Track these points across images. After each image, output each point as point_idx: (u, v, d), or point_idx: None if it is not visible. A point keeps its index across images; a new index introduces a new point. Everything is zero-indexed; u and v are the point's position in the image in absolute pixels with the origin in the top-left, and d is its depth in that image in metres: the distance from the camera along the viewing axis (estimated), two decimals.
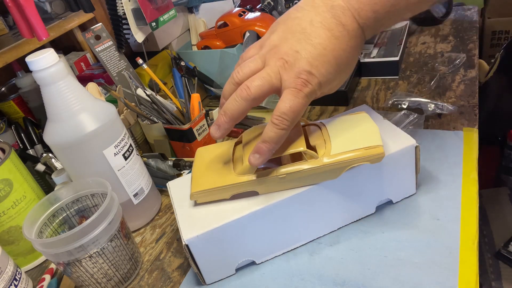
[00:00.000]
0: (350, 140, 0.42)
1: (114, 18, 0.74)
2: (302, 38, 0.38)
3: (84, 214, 0.52)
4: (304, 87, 0.37)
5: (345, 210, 0.46)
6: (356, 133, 0.42)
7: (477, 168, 0.49)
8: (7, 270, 0.47)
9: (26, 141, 0.71)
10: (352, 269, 0.42)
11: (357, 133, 0.42)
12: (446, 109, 0.60)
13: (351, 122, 0.45)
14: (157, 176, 0.61)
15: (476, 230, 0.42)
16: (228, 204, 0.43)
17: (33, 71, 0.45)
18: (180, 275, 0.48)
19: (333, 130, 0.44)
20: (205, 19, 0.92)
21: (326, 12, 0.38)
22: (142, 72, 0.81)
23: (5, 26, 0.80)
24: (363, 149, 0.40)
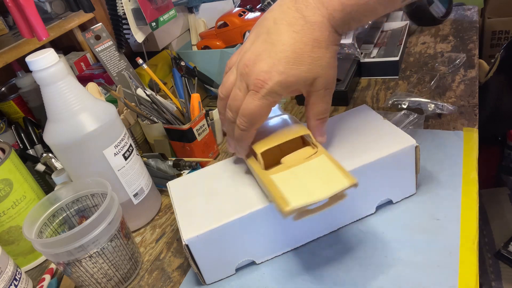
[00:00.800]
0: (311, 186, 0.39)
1: (114, 18, 0.74)
2: (265, 39, 0.39)
3: (84, 214, 0.52)
4: (260, 89, 0.38)
5: (345, 210, 0.46)
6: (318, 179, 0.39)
7: (477, 168, 0.49)
8: (7, 270, 0.47)
9: (26, 141, 0.71)
10: (352, 269, 0.42)
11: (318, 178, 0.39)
12: (446, 109, 0.60)
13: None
14: (157, 176, 0.61)
15: (476, 230, 0.42)
16: (228, 204, 0.43)
17: (33, 71, 0.45)
18: (180, 275, 0.48)
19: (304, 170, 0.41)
20: (205, 19, 0.92)
21: (290, 7, 0.38)
22: (142, 72, 0.81)
23: (5, 26, 0.80)
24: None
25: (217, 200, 0.45)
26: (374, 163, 0.43)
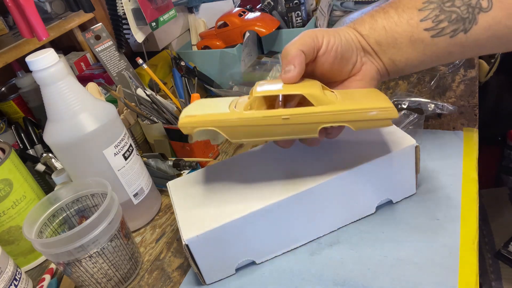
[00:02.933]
0: (363, 99, 0.40)
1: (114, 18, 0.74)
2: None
3: (84, 214, 0.52)
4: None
5: (345, 210, 0.46)
6: (369, 97, 0.41)
7: (477, 168, 0.49)
8: (7, 270, 0.47)
9: (26, 141, 0.71)
10: (352, 269, 0.42)
11: (370, 97, 0.41)
12: (446, 109, 0.60)
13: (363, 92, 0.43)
14: (157, 176, 0.61)
15: (476, 230, 0.42)
16: (228, 204, 0.43)
17: (33, 71, 0.45)
18: (180, 275, 0.48)
19: (346, 93, 0.42)
20: (205, 19, 0.92)
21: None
22: (142, 72, 0.81)
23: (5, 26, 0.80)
24: (378, 108, 0.37)
25: (217, 200, 0.45)
26: (374, 163, 0.43)
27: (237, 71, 0.82)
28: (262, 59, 0.85)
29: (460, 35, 0.39)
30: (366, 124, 0.37)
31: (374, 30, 0.42)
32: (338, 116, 0.37)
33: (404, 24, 0.40)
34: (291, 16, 0.86)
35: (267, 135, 0.39)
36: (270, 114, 0.38)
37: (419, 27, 0.40)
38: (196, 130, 0.39)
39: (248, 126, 0.38)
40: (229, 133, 0.39)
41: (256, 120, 0.38)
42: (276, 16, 0.87)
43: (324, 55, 0.40)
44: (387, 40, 0.41)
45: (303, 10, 0.85)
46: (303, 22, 0.86)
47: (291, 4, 0.84)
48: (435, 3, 0.39)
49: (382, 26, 0.41)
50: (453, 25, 0.39)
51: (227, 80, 0.83)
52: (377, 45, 0.42)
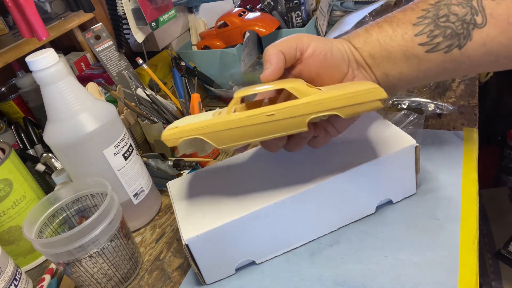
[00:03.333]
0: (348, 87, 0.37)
1: (114, 18, 0.74)
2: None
3: (84, 214, 0.52)
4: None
5: (345, 210, 0.46)
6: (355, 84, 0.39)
7: (477, 168, 0.49)
8: (7, 270, 0.47)
9: (26, 141, 0.71)
10: (352, 269, 0.42)
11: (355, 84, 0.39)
12: (446, 109, 0.60)
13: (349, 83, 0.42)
14: (157, 176, 0.61)
15: (476, 230, 0.42)
16: (228, 204, 0.43)
17: (33, 71, 0.45)
18: (180, 275, 0.48)
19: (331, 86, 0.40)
20: (205, 19, 0.92)
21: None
22: (142, 72, 0.81)
23: (5, 26, 0.80)
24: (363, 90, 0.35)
25: (217, 200, 0.45)
26: (374, 163, 0.43)
27: (237, 71, 0.82)
28: (262, 59, 0.85)
29: (454, 51, 0.39)
30: (354, 109, 0.35)
31: (368, 43, 0.41)
32: (324, 105, 0.35)
33: (399, 38, 0.40)
34: (291, 16, 0.86)
35: (254, 136, 0.37)
36: (254, 113, 0.36)
37: (414, 41, 0.39)
38: (181, 141, 0.38)
39: (233, 129, 0.37)
40: (215, 139, 0.38)
41: (240, 121, 0.36)
42: (276, 16, 0.87)
43: (311, 58, 0.40)
44: (381, 54, 0.41)
45: (303, 10, 0.85)
46: (303, 22, 0.86)
47: (291, 4, 0.84)
48: (429, 18, 0.39)
49: (376, 39, 0.41)
50: (447, 40, 0.39)
51: (227, 80, 0.83)
52: (370, 58, 0.41)
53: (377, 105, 0.35)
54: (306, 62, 0.40)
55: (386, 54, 0.41)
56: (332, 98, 0.35)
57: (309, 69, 0.40)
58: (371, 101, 0.35)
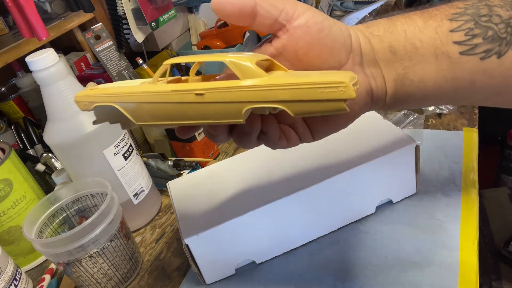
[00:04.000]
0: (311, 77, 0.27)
1: (114, 18, 0.74)
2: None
3: (84, 214, 0.52)
4: None
5: (345, 210, 0.46)
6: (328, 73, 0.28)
7: (477, 168, 0.49)
8: (7, 270, 0.47)
9: (26, 141, 0.71)
10: (352, 269, 0.42)
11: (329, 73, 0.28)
12: (446, 109, 0.60)
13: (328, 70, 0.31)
14: (157, 176, 0.61)
15: (476, 230, 0.42)
16: (228, 204, 0.43)
17: (33, 71, 0.45)
18: (180, 275, 0.48)
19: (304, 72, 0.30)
20: (205, 19, 0.92)
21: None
22: (142, 72, 0.81)
23: (5, 26, 0.80)
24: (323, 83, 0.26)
25: (217, 200, 0.45)
26: (374, 163, 0.43)
27: None
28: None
29: (492, 59, 0.32)
30: (307, 106, 0.26)
31: (390, 33, 0.33)
32: (267, 93, 0.27)
33: (431, 31, 0.32)
34: None
35: (178, 118, 0.29)
36: (181, 88, 0.28)
37: (448, 37, 0.31)
38: (94, 106, 0.31)
39: (153, 104, 0.29)
40: (132, 111, 0.30)
41: (162, 95, 0.29)
42: None
43: (301, 29, 0.30)
44: (405, 48, 0.32)
45: None
46: None
47: None
48: (468, 15, 0.32)
49: (402, 29, 0.33)
50: (488, 43, 0.31)
51: None
52: (389, 52, 0.32)
53: (339, 107, 0.26)
54: (293, 34, 0.31)
55: (411, 49, 0.32)
56: (280, 86, 0.26)
57: (295, 44, 0.31)
58: (332, 101, 0.26)
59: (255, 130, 0.31)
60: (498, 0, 0.32)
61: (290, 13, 0.30)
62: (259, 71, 0.27)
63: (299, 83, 0.26)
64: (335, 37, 0.31)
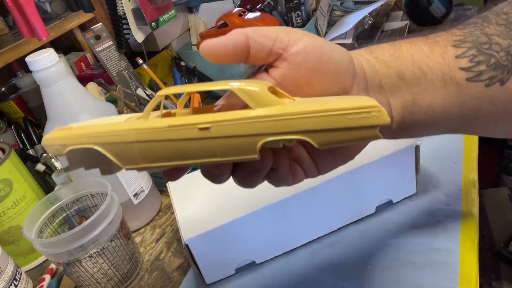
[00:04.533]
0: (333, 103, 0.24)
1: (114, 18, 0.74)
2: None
3: (84, 214, 0.52)
4: None
5: (345, 210, 0.46)
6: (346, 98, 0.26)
7: (477, 168, 0.49)
8: (7, 270, 0.47)
9: (26, 141, 0.71)
10: (352, 269, 0.42)
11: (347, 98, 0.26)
12: None
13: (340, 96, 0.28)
14: (157, 176, 0.61)
15: (476, 230, 0.42)
16: (228, 204, 0.43)
17: (33, 71, 0.45)
18: (180, 275, 0.48)
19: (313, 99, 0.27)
20: (205, 19, 0.92)
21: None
22: (142, 72, 0.81)
23: (5, 26, 0.80)
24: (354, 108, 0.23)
25: (217, 200, 0.45)
26: (374, 163, 0.43)
27: (237, 71, 0.82)
28: None
29: (496, 86, 0.31)
30: (334, 136, 0.23)
31: (397, 57, 0.31)
32: (287, 123, 0.23)
33: (437, 56, 0.31)
34: (291, 16, 0.86)
35: (177, 157, 0.25)
36: (181, 122, 0.24)
37: (455, 64, 0.31)
38: (69, 150, 0.25)
39: (147, 142, 0.24)
40: (119, 153, 0.25)
41: (158, 132, 0.24)
42: (276, 16, 0.87)
43: (301, 56, 0.28)
44: (413, 72, 0.31)
45: (303, 10, 0.85)
46: (303, 22, 0.86)
47: (291, 4, 0.84)
48: (470, 42, 0.32)
49: (408, 54, 0.32)
50: (491, 71, 0.31)
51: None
52: (396, 78, 0.31)
53: (371, 134, 0.23)
54: (292, 61, 0.28)
55: (419, 74, 0.31)
56: (303, 114, 0.23)
57: (296, 72, 0.29)
58: (364, 128, 0.23)
59: (266, 166, 0.28)
60: (493, 29, 0.32)
61: (285, 40, 0.29)
62: (274, 99, 0.24)
63: (326, 110, 0.23)
64: (338, 62, 0.29)
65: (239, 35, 0.28)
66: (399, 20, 0.93)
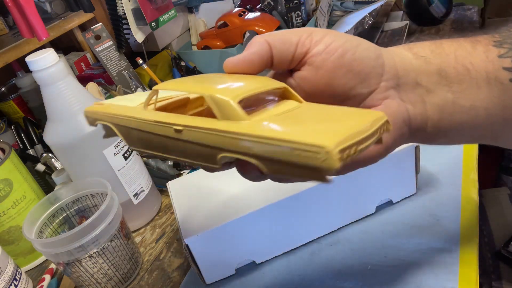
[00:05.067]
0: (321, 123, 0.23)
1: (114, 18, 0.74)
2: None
3: (84, 214, 0.52)
4: None
5: (345, 210, 0.46)
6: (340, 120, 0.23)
7: (477, 168, 0.49)
8: (7, 270, 0.47)
9: (26, 141, 0.71)
10: (352, 269, 0.42)
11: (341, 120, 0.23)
12: None
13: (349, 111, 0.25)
14: (157, 176, 0.61)
15: (476, 230, 0.42)
16: (228, 204, 0.43)
17: (33, 71, 0.45)
18: (180, 275, 0.48)
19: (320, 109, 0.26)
20: (205, 19, 0.92)
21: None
22: (142, 72, 0.81)
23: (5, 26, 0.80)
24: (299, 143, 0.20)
25: (217, 200, 0.45)
26: (374, 163, 0.43)
27: None
28: None
29: None
30: (281, 168, 0.21)
31: (438, 54, 0.30)
32: (238, 142, 0.22)
33: (480, 55, 0.29)
34: (291, 16, 0.86)
35: (161, 150, 0.27)
36: (164, 119, 0.25)
37: (498, 63, 0.29)
38: (96, 123, 0.31)
39: (141, 131, 0.27)
40: (125, 135, 0.29)
41: (148, 124, 0.26)
42: (276, 16, 0.87)
43: (321, 57, 0.28)
44: (456, 69, 0.29)
45: (303, 10, 0.85)
46: (303, 22, 0.86)
47: (291, 4, 0.84)
48: (509, 44, 0.30)
49: (451, 51, 0.30)
50: None
51: None
52: (437, 76, 0.29)
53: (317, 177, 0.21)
54: (312, 63, 0.28)
55: (463, 71, 0.29)
56: (251, 137, 0.22)
57: (315, 73, 0.28)
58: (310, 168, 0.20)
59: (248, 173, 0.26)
60: None
61: (307, 43, 0.28)
62: (240, 114, 0.23)
63: (274, 138, 0.21)
64: (362, 59, 0.28)
65: (262, 45, 0.28)
66: (399, 20, 0.93)
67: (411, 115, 0.29)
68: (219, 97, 0.23)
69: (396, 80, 0.29)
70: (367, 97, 0.28)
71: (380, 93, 0.28)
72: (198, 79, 0.28)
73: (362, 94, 0.28)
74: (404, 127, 0.29)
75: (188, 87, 0.27)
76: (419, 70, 0.29)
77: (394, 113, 0.28)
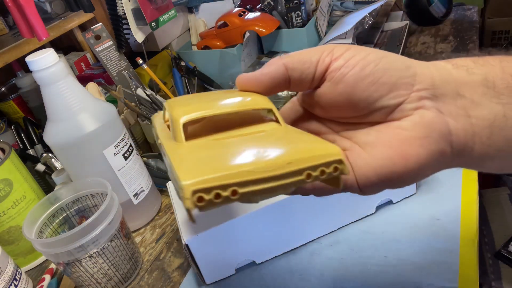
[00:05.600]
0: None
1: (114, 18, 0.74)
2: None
3: (84, 214, 0.52)
4: None
5: (345, 210, 0.46)
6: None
7: None
8: (7, 270, 0.47)
9: (26, 141, 0.71)
10: (352, 269, 0.42)
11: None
12: None
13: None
14: (157, 176, 0.61)
15: (476, 230, 0.42)
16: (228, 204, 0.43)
17: (33, 71, 0.45)
18: (180, 275, 0.48)
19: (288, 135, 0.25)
20: (205, 19, 0.92)
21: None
22: (142, 72, 0.81)
23: (5, 26, 0.80)
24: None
25: None
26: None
27: (237, 71, 0.82)
28: (262, 59, 0.85)
29: None
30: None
31: (482, 64, 0.27)
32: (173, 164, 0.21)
33: None
34: (291, 16, 0.86)
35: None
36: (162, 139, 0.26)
37: None
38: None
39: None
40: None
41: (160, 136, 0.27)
42: (276, 16, 0.87)
43: (338, 71, 0.26)
44: (505, 80, 0.25)
45: (303, 10, 0.85)
46: (303, 22, 0.86)
47: (291, 4, 0.84)
48: None
49: (496, 62, 0.27)
50: None
51: (227, 80, 0.83)
52: (482, 86, 0.25)
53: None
54: (331, 78, 0.26)
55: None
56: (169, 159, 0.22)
57: (333, 89, 0.26)
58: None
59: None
60: None
61: (327, 60, 0.26)
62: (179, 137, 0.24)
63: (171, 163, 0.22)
64: (386, 70, 0.26)
65: (277, 67, 0.27)
66: (399, 20, 0.93)
67: (452, 129, 0.25)
68: (176, 117, 0.24)
69: (432, 90, 0.25)
70: (395, 108, 0.26)
71: (412, 103, 0.25)
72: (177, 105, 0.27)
73: (390, 106, 0.26)
74: (443, 143, 0.25)
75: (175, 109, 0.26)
76: (460, 81, 0.26)
77: (429, 123, 0.24)
